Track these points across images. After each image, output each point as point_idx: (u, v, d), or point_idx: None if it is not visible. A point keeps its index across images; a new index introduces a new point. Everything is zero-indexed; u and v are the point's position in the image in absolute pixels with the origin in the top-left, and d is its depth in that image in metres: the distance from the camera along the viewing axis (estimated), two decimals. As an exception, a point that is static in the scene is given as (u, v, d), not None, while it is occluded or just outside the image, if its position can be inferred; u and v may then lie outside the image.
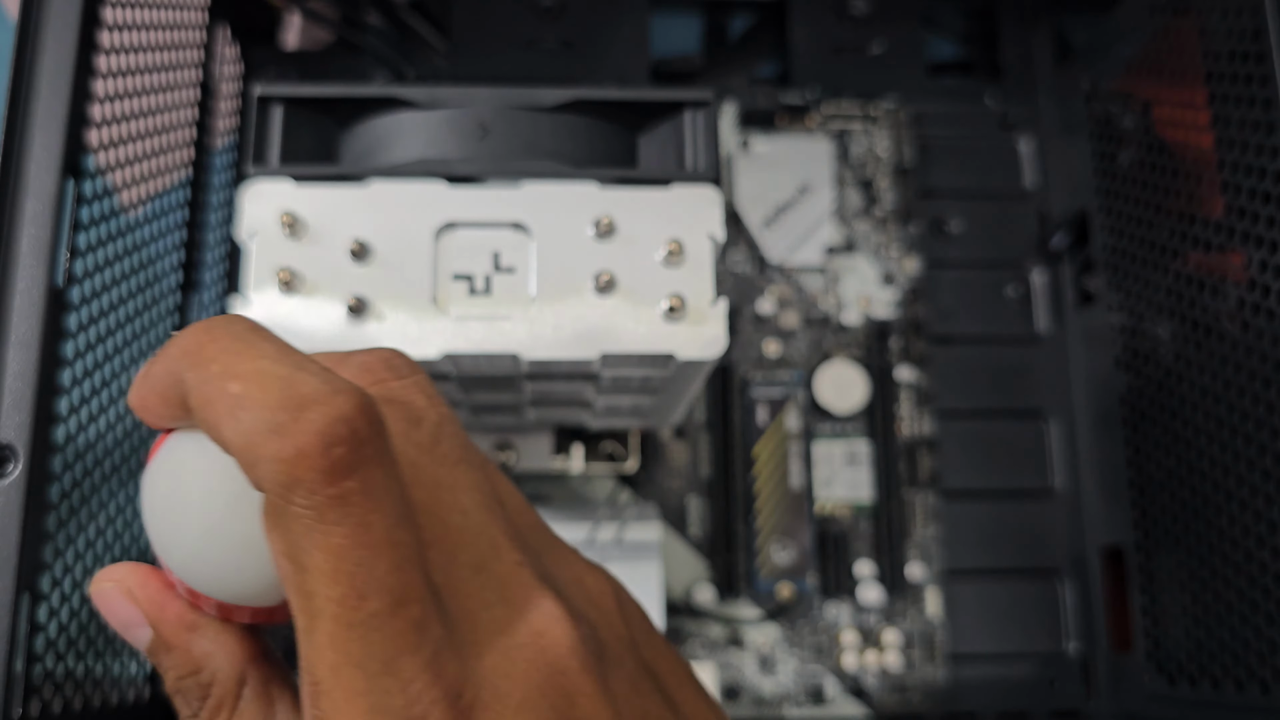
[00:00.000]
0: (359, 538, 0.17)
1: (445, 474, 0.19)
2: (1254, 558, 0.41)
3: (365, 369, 0.20)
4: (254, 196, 0.33)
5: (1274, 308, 0.40)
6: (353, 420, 0.17)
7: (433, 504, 0.19)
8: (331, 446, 0.16)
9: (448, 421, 0.20)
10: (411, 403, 0.20)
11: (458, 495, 0.19)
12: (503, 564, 0.19)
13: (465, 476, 0.19)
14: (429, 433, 0.19)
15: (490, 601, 0.19)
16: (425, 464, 0.19)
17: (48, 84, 0.38)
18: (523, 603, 0.19)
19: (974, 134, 0.59)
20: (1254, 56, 0.41)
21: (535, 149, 0.34)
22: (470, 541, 0.19)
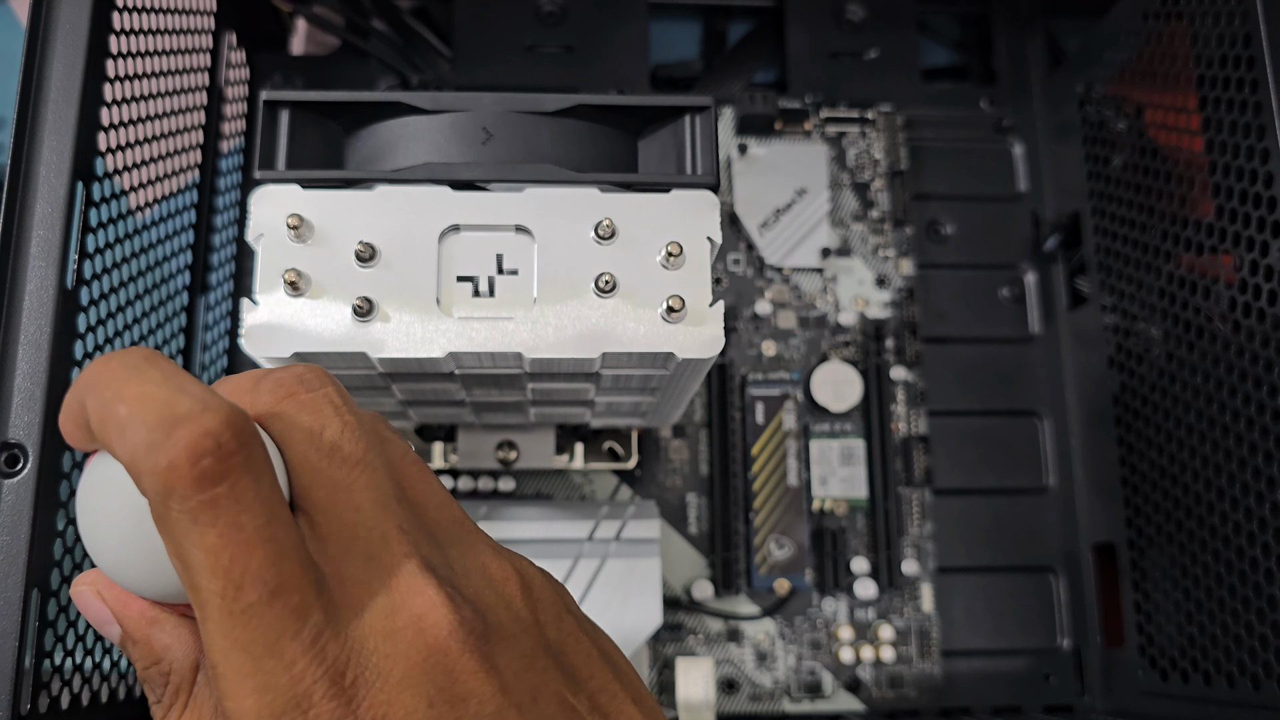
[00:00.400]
0: (231, 536, 0.19)
1: (343, 475, 0.21)
2: (1245, 554, 0.42)
3: (278, 384, 0.22)
4: (261, 200, 0.33)
5: (1264, 308, 0.41)
6: (219, 434, 0.19)
7: (330, 503, 0.21)
8: (199, 458, 0.19)
9: (350, 429, 0.22)
10: (318, 412, 0.22)
11: (353, 494, 0.21)
12: (391, 555, 0.21)
13: (362, 477, 0.21)
14: (330, 439, 0.21)
15: (376, 590, 0.20)
16: (325, 467, 0.21)
17: (58, 88, 0.38)
18: (406, 590, 0.21)
19: (968, 138, 0.60)
20: (1244, 61, 0.42)
21: (537, 153, 0.35)
22: (363, 535, 0.21)
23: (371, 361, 0.33)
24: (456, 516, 0.24)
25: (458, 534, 0.24)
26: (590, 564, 0.47)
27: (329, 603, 0.20)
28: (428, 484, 0.24)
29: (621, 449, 0.50)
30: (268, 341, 0.32)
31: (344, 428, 0.22)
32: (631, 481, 0.54)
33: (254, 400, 0.22)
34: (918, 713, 0.52)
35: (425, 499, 0.24)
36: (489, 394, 0.39)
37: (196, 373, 0.50)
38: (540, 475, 0.53)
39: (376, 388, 0.37)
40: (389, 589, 0.21)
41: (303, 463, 0.21)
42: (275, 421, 0.22)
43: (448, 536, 0.23)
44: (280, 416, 0.22)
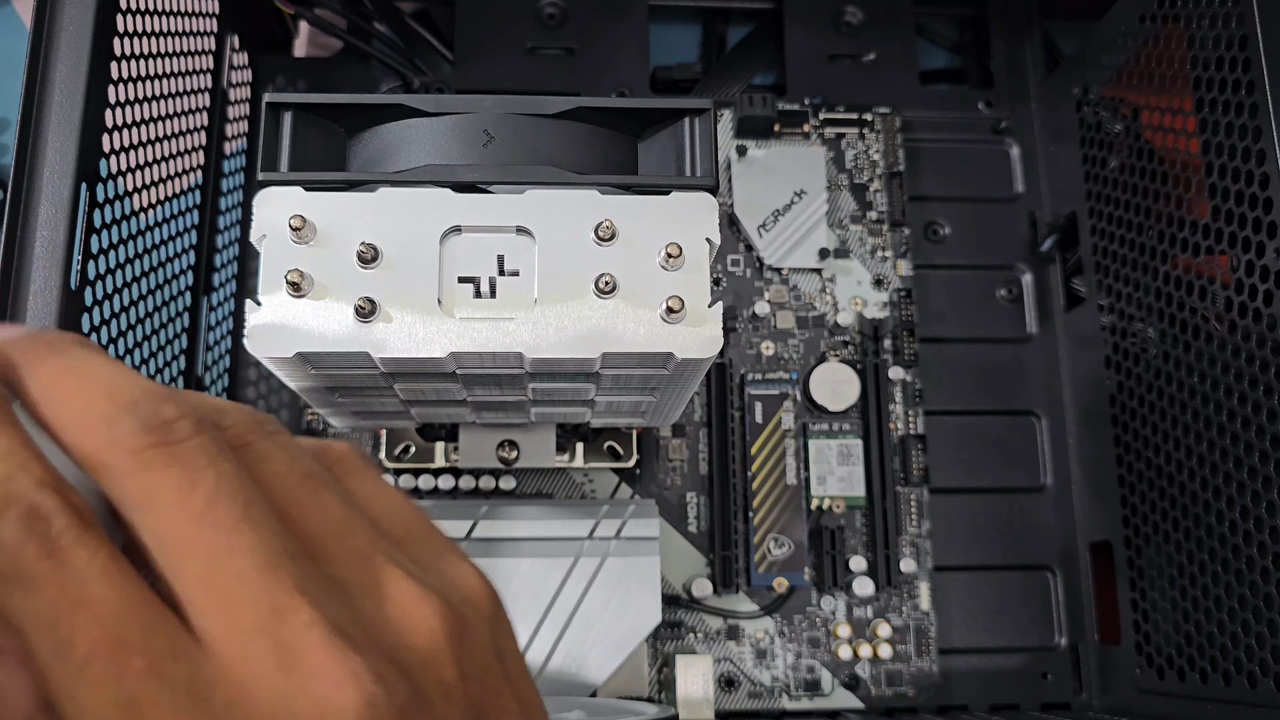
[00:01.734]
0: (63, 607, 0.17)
1: (220, 540, 0.18)
2: (1241, 552, 0.42)
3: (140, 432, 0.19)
4: (264, 201, 0.34)
5: (1259, 308, 0.41)
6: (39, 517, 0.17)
7: (207, 574, 0.18)
8: (22, 543, 0.17)
9: (226, 480, 0.19)
10: (188, 466, 0.19)
11: (234, 560, 0.18)
12: (287, 627, 0.18)
13: (241, 539, 0.18)
14: (204, 498, 0.19)
15: (269, 668, 0.18)
16: (198, 535, 0.18)
17: (62, 90, 0.38)
18: (306, 669, 0.18)
19: (965, 140, 0.60)
20: (1240, 63, 0.42)
21: (538, 155, 0.35)
22: (248, 607, 0.18)
23: (374, 361, 0.34)
24: (360, 546, 0.20)
25: (366, 570, 0.20)
26: (590, 562, 0.47)
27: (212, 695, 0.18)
28: (323, 510, 0.20)
29: (621, 448, 0.51)
30: (271, 342, 0.33)
31: (219, 481, 0.19)
32: (631, 480, 0.54)
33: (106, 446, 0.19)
34: (915, 710, 0.53)
35: (322, 531, 0.20)
36: (490, 394, 0.39)
37: (199, 372, 0.51)
38: (541, 474, 0.53)
39: (378, 388, 0.38)
40: (285, 668, 0.18)
41: (170, 533, 0.18)
42: (128, 486, 0.18)
43: (355, 576, 0.20)
44: (136, 480, 0.18)
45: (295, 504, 0.20)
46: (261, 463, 0.20)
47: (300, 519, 0.20)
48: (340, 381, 0.37)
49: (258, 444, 0.21)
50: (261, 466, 0.20)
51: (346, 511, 0.21)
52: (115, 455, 0.19)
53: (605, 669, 0.46)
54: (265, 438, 0.21)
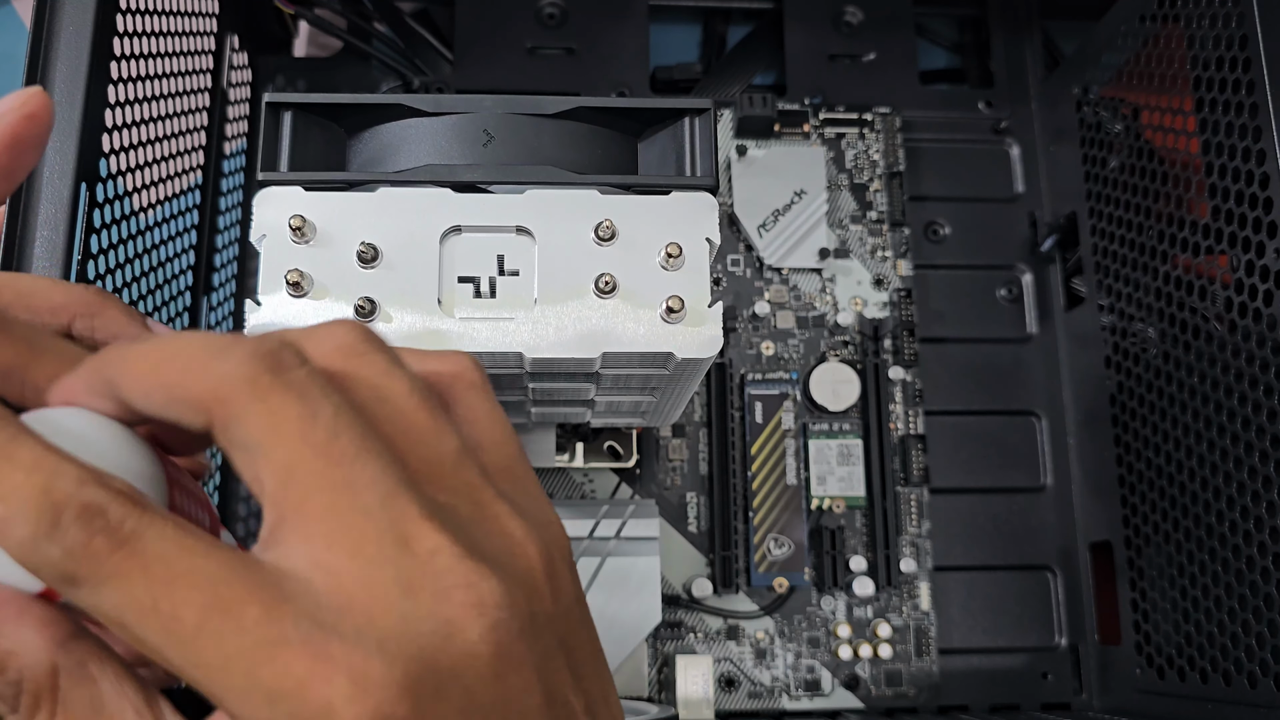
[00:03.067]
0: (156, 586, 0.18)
1: (344, 474, 0.19)
2: (1241, 552, 0.42)
3: (253, 361, 0.19)
4: (264, 201, 0.34)
5: (1259, 308, 0.41)
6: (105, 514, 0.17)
7: (332, 508, 0.19)
8: (91, 539, 0.17)
9: (344, 412, 0.19)
10: (306, 397, 0.19)
11: (358, 494, 0.19)
12: (414, 556, 0.19)
13: (366, 471, 0.19)
14: (325, 431, 0.19)
15: (397, 594, 0.18)
16: (322, 469, 0.18)
17: (62, 90, 0.38)
18: (434, 592, 0.18)
19: (965, 140, 0.60)
20: (1240, 63, 0.42)
21: (538, 155, 0.35)
22: (374, 538, 0.18)
23: (374, 361, 0.34)
24: (471, 478, 0.21)
25: (477, 501, 0.21)
26: (590, 562, 0.47)
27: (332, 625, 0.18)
28: (440, 439, 0.21)
29: (621, 448, 0.51)
30: (271, 341, 0.33)
31: (337, 412, 0.19)
32: (631, 480, 0.54)
33: (220, 382, 0.19)
34: (915, 710, 0.53)
35: (437, 458, 0.20)
36: (490, 394, 0.39)
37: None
38: (541, 474, 0.53)
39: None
40: (414, 593, 0.18)
41: (295, 465, 0.18)
42: (252, 415, 0.18)
43: (466, 506, 0.20)
44: (257, 409, 0.18)
45: (410, 430, 0.20)
46: (382, 380, 0.21)
47: (418, 444, 0.20)
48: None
49: (371, 360, 0.21)
50: (382, 384, 0.20)
51: (459, 443, 0.21)
52: (231, 389, 0.18)
53: (605, 669, 0.46)
54: (377, 354, 0.21)
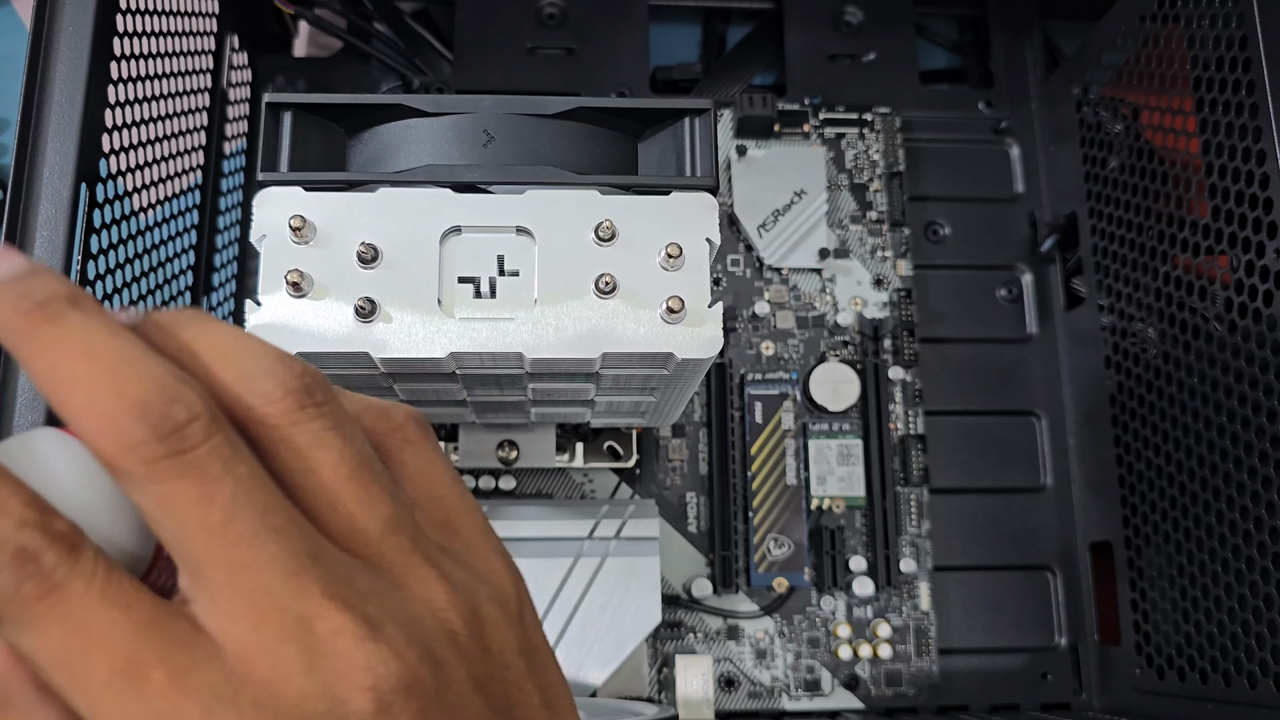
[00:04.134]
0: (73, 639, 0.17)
1: (239, 555, 0.18)
2: (1241, 552, 0.42)
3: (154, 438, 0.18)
4: (264, 201, 0.34)
5: (1259, 308, 0.41)
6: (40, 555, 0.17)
7: (228, 585, 0.18)
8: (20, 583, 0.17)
9: (243, 488, 0.18)
10: (202, 476, 0.18)
11: (256, 573, 0.18)
12: (315, 634, 0.18)
13: (262, 553, 0.18)
14: (221, 512, 0.18)
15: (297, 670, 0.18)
16: (218, 550, 0.18)
17: (62, 90, 0.39)
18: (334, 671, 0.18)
19: (965, 140, 0.60)
20: (1240, 63, 0.42)
21: (538, 155, 0.35)
22: (274, 618, 0.18)
23: (374, 362, 0.34)
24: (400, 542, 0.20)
25: (401, 566, 0.20)
26: (590, 562, 0.47)
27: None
28: (371, 507, 0.20)
29: (621, 448, 0.51)
30: (271, 342, 0.33)
31: (236, 490, 0.18)
32: (631, 480, 0.54)
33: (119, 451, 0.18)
34: (915, 710, 0.53)
35: (365, 525, 0.20)
36: (490, 394, 0.39)
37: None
38: (541, 474, 0.53)
39: (379, 387, 0.38)
40: (313, 670, 0.18)
41: (190, 544, 0.18)
42: (148, 494, 0.18)
43: (389, 570, 0.20)
44: (150, 490, 0.18)
45: (340, 500, 0.20)
46: (313, 449, 0.20)
47: (343, 515, 0.20)
48: (340, 381, 0.37)
49: (306, 425, 0.20)
50: (313, 454, 0.20)
51: (393, 508, 0.20)
52: (128, 463, 0.18)
53: (605, 669, 0.46)
54: (315, 415, 0.20)
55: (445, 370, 0.35)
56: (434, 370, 0.35)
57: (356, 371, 0.35)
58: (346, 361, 0.34)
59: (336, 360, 0.34)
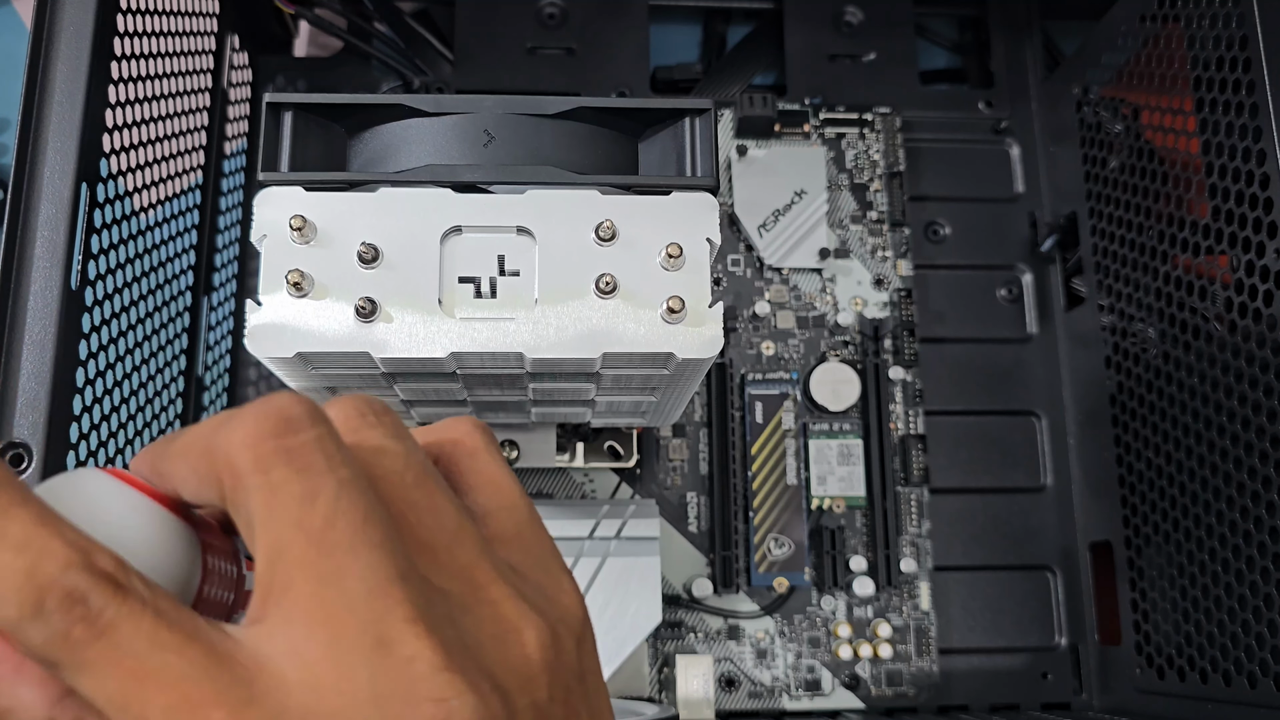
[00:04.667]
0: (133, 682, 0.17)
1: (334, 564, 0.18)
2: (1241, 552, 0.42)
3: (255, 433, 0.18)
4: (265, 201, 0.34)
5: (1259, 308, 0.41)
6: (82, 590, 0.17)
7: (317, 599, 0.18)
8: (73, 623, 0.17)
9: (346, 492, 0.18)
10: (306, 473, 0.18)
11: (346, 585, 0.18)
12: (391, 660, 0.18)
13: (358, 562, 0.18)
14: (322, 516, 0.18)
15: (365, 700, 0.18)
16: (312, 558, 0.18)
17: (63, 90, 0.39)
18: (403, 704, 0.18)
19: (966, 140, 0.60)
20: (1240, 63, 0.42)
21: (538, 155, 0.35)
22: (353, 637, 0.18)
23: (374, 361, 0.34)
24: (469, 557, 0.20)
25: (473, 583, 0.20)
26: (591, 562, 0.47)
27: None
28: (436, 515, 0.20)
29: (621, 448, 0.51)
30: (271, 341, 0.33)
31: (339, 492, 0.18)
32: (632, 480, 0.54)
33: (222, 456, 0.18)
34: (915, 710, 0.53)
35: (432, 539, 0.20)
36: (490, 393, 0.39)
37: (199, 372, 0.51)
38: (541, 474, 0.53)
39: (379, 387, 0.38)
40: (382, 703, 0.18)
41: (285, 548, 0.18)
42: (252, 487, 0.18)
43: (461, 589, 0.20)
44: (256, 482, 0.18)
45: (409, 506, 0.20)
46: (377, 457, 0.20)
47: (414, 523, 0.20)
48: (340, 381, 0.37)
49: (369, 434, 0.20)
50: (377, 461, 0.20)
51: (458, 519, 0.20)
52: (236, 458, 0.18)
53: (606, 669, 0.46)
54: (378, 425, 0.20)
55: (445, 370, 0.35)
56: (434, 370, 0.35)
57: (356, 371, 0.35)
58: (347, 361, 0.34)
59: (337, 360, 0.34)
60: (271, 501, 0.18)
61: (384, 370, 0.35)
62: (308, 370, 0.35)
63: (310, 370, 0.35)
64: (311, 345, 0.33)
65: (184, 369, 0.49)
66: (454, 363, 0.34)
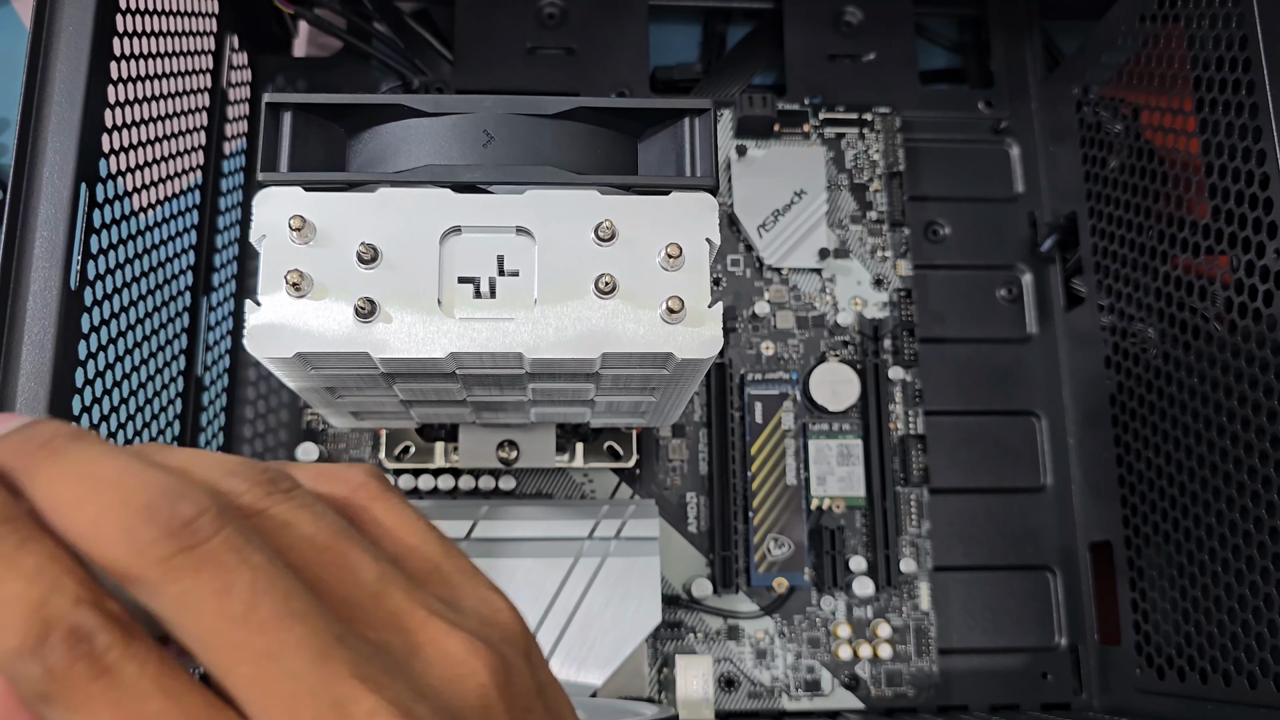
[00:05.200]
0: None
1: (267, 641, 0.18)
2: (1241, 552, 0.42)
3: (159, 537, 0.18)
4: (264, 201, 0.34)
5: (1259, 308, 0.41)
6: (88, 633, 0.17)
7: (259, 678, 0.18)
8: (73, 663, 0.17)
9: (261, 576, 0.18)
10: (219, 567, 0.18)
11: (285, 661, 0.18)
12: (363, 706, 0.18)
13: (288, 637, 0.18)
14: (242, 602, 0.18)
15: None
16: (243, 640, 0.18)
17: (62, 90, 0.38)
18: None
19: (965, 140, 0.60)
20: (1240, 63, 0.42)
21: (538, 156, 0.35)
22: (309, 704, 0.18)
23: (374, 362, 0.34)
24: (398, 604, 0.20)
25: (408, 629, 0.20)
26: (590, 562, 0.47)
27: None
28: (356, 572, 0.20)
29: (621, 448, 0.51)
30: (271, 342, 0.33)
31: (255, 578, 0.18)
32: (631, 480, 0.54)
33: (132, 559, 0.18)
34: (915, 710, 0.53)
35: (357, 595, 0.20)
36: (490, 394, 0.39)
37: (199, 372, 0.51)
38: (541, 474, 0.53)
39: (378, 388, 0.38)
40: None
41: (213, 639, 0.18)
42: (162, 598, 0.18)
43: (398, 638, 0.20)
44: (169, 591, 0.18)
45: (326, 569, 0.20)
46: (285, 529, 0.20)
47: (334, 583, 0.20)
48: (340, 381, 0.37)
49: (275, 509, 0.20)
50: (285, 533, 0.20)
51: (378, 569, 0.20)
52: (143, 567, 0.18)
53: (605, 669, 0.46)
54: (282, 499, 0.20)
55: (445, 370, 0.35)
56: (434, 370, 0.35)
57: (356, 371, 0.35)
58: (346, 361, 0.34)
59: (336, 360, 0.34)
60: (189, 606, 0.18)
61: (383, 370, 0.35)
62: (307, 370, 0.35)
63: (309, 370, 0.35)
64: (311, 345, 0.33)
65: (183, 369, 0.49)
66: (453, 363, 0.34)
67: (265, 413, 0.54)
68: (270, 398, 0.54)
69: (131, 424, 0.43)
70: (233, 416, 0.54)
